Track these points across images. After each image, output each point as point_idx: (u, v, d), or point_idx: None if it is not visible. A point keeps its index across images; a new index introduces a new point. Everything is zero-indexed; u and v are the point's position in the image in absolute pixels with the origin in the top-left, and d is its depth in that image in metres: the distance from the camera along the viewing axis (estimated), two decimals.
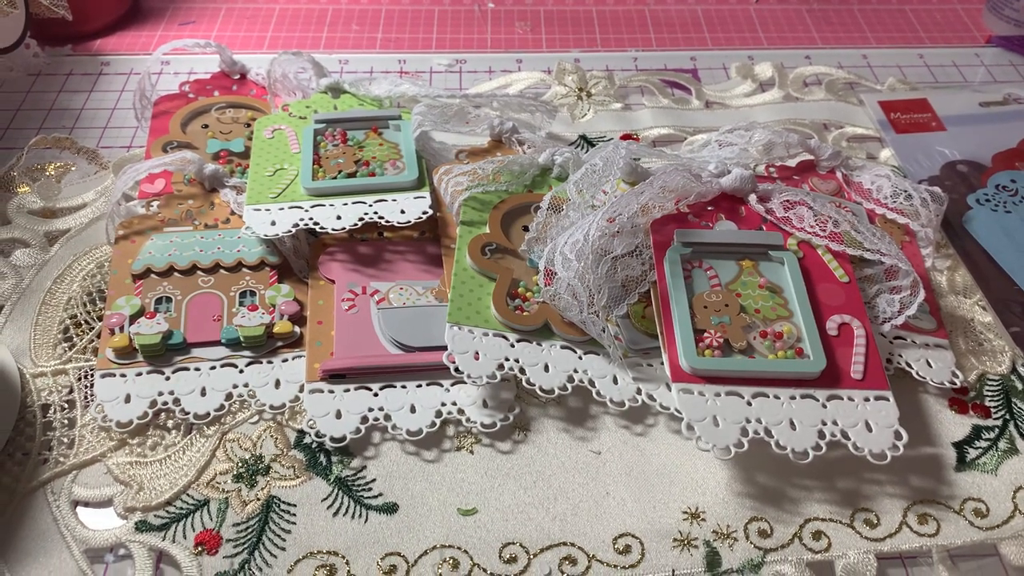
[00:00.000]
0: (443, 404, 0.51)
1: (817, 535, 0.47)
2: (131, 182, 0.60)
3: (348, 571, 0.45)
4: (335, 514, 0.48)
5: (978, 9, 0.90)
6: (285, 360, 0.53)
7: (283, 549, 0.46)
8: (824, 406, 0.48)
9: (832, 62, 0.82)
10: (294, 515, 0.47)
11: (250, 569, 0.45)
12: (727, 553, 0.46)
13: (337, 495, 0.48)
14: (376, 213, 0.58)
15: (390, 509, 0.48)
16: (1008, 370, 0.55)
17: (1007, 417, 0.53)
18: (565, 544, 0.47)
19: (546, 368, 0.51)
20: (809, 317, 0.51)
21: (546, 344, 0.52)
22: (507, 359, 0.51)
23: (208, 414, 0.51)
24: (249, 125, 0.68)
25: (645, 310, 0.54)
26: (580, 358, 0.52)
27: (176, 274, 0.57)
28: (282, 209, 0.58)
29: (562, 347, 0.52)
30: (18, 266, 0.59)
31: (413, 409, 0.51)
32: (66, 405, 0.52)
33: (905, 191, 0.60)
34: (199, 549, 0.46)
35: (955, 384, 0.53)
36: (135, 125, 0.71)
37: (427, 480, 0.49)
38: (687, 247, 0.54)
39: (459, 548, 0.46)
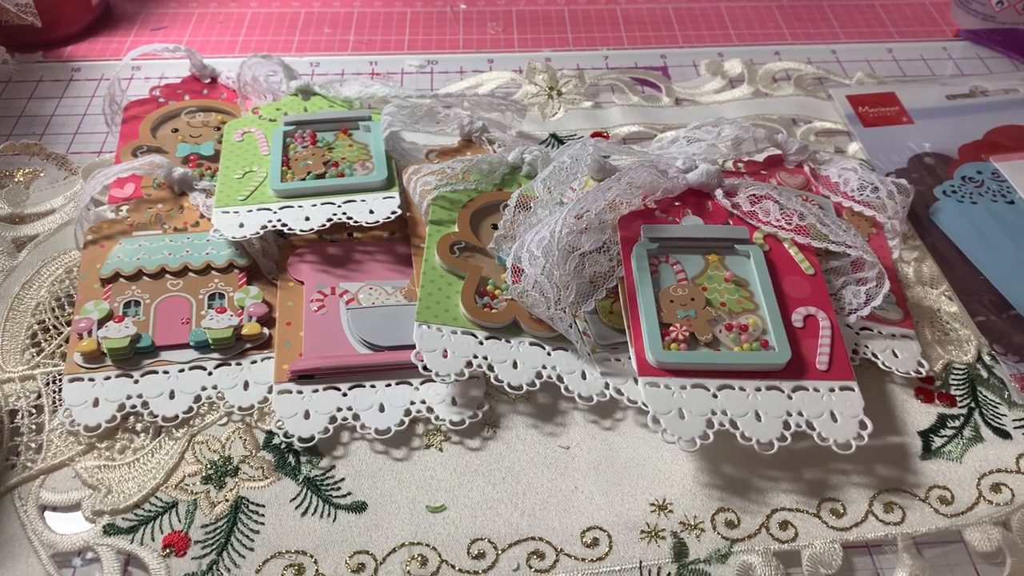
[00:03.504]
0: (412, 403, 0.51)
1: (784, 525, 0.47)
2: (100, 187, 0.60)
3: (316, 570, 0.45)
4: (304, 514, 0.48)
5: (946, 3, 0.91)
6: (254, 362, 0.54)
7: (251, 549, 0.46)
8: (789, 397, 0.48)
9: (801, 58, 0.82)
10: (263, 515, 0.47)
11: (218, 570, 0.45)
12: (694, 544, 0.47)
13: (306, 495, 0.48)
14: (345, 214, 0.58)
15: (359, 508, 0.48)
16: (974, 359, 0.56)
17: (972, 405, 0.54)
18: (533, 539, 0.47)
19: (514, 365, 0.51)
20: (775, 310, 0.51)
21: (515, 341, 0.52)
22: (475, 356, 0.51)
23: (177, 417, 0.51)
24: (219, 129, 0.68)
25: (613, 305, 0.54)
26: (548, 354, 0.52)
27: (145, 278, 0.57)
28: (251, 211, 0.58)
29: (530, 344, 0.52)
30: None
31: (382, 408, 0.51)
32: (34, 410, 0.52)
33: (872, 184, 0.60)
34: (167, 551, 0.46)
35: (921, 373, 0.54)
36: (105, 131, 0.71)
37: (396, 478, 0.49)
38: (654, 242, 0.54)
39: (427, 545, 0.46)
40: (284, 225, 0.57)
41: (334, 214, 0.58)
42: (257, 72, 0.70)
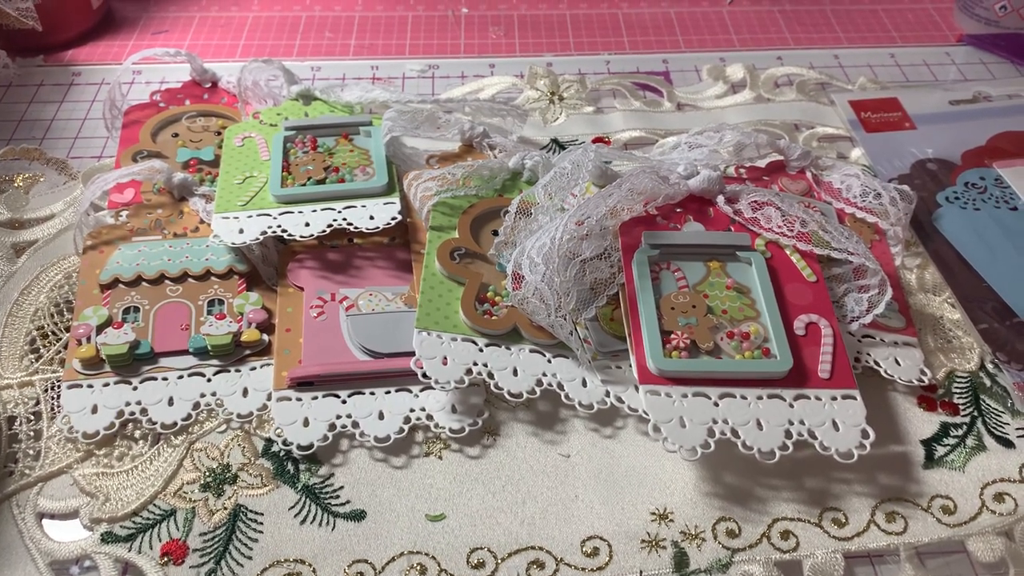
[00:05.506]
0: (412, 410, 0.51)
1: (785, 535, 0.47)
2: (99, 192, 0.60)
3: None
4: (302, 522, 0.47)
5: (949, 8, 0.91)
6: (253, 368, 0.53)
7: (250, 558, 0.46)
8: (791, 406, 0.48)
9: (804, 63, 0.82)
10: (261, 523, 0.47)
11: None
12: (695, 553, 0.46)
13: (304, 503, 0.48)
14: (345, 219, 0.57)
15: (358, 516, 0.48)
16: (976, 367, 0.56)
17: (975, 414, 0.53)
18: (533, 548, 0.47)
19: (515, 372, 0.51)
20: (776, 317, 0.51)
21: (515, 348, 0.52)
22: (475, 364, 0.51)
23: (175, 424, 0.51)
24: (220, 133, 0.68)
25: (614, 312, 0.54)
26: (549, 361, 0.52)
27: (144, 283, 0.56)
28: (250, 217, 0.57)
29: (531, 351, 0.52)
30: None
31: (381, 416, 0.51)
32: (32, 417, 0.52)
33: (874, 190, 0.60)
34: (165, 559, 0.46)
35: (923, 382, 0.53)
36: (106, 135, 0.70)
37: (395, 486, 0.49)
38: (655, 249, 0.54)
39: (427, 554, 0.46)
40: (284, 231, 0.57)
41: (334, 220, 0.57)
42: (258, 77, 0.70)
